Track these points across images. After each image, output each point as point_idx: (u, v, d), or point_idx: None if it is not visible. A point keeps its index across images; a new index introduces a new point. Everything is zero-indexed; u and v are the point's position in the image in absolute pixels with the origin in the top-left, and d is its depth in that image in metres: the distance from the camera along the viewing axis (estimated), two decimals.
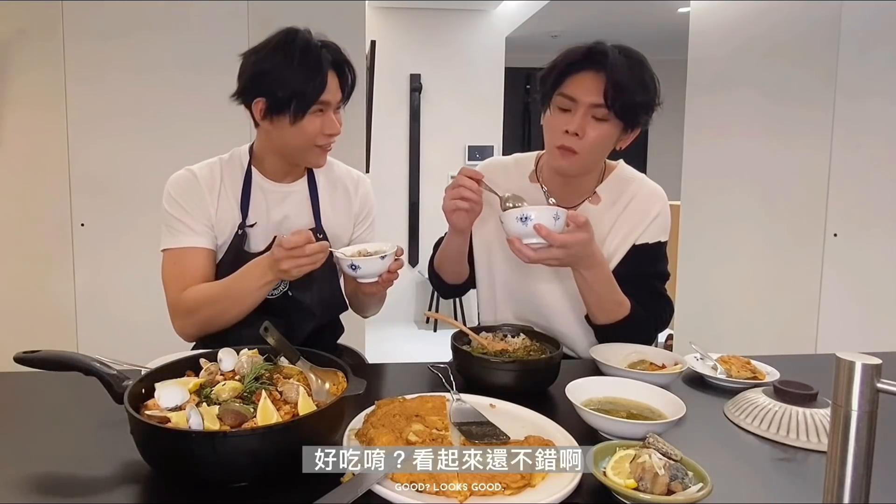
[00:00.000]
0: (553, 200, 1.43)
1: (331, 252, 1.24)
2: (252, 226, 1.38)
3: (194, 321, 1.32)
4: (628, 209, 1.40)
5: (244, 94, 1.32)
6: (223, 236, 1.38)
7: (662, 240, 1.42)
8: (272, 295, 1.37)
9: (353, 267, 1.20)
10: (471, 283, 1.54)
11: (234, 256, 1.36)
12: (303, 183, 1.45)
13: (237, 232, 1.37)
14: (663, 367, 1.21)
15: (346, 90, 1.35)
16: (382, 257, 1.20)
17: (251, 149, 1.44)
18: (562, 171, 1.35)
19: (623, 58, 1.26)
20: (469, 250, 1.47)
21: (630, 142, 1.35)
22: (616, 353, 1.25)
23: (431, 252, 1.59)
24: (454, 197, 1.26)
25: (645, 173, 1.50)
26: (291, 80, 1.26)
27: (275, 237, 1.30)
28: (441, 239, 1.52)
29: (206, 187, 1.37)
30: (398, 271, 1.24)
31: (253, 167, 1.41)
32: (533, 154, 1.53)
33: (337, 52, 1.33)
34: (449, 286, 1.52)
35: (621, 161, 1.49)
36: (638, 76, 1.26)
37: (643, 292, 1.36)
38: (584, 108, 1.26)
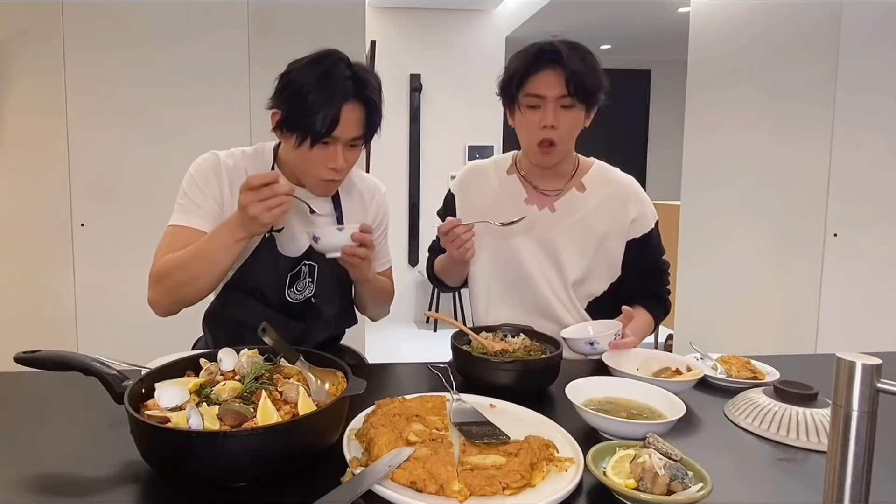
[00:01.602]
0: (532, 186, 1.53)
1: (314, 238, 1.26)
2: (280, 230, 1.38)
3: (164, 288, 1.26)
4: (615, 203, 1.53)
5: (271, 100, 1.29)
6: None
7: (652, 225, 1.55)
8: (294, 300, 1.37)
9: (315, 238, 1.24)
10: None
11: (269, 258, 1.35)
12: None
13: (265, 235, 1.35)
14: (678, 371, 1.20)
15: (369, 128, 1.29)
16: (340, 229, 1.23)
17: (276, 150, 1.41)
18: (545, 165, 1.49)
19: (572, 51, 1.39)
20: None
21: (591, 119, 1.48)
22: (629, 359, 1.24)
23: (428, 256, 1.69)
24: (461, 245, 1.36)
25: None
26: (304, 105, 1.21)
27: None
28: (436, 245, 1.64)
29: (227, 173, 1.35)
30: (364, 249, 1.25)
31: (276, 169, 1.39)
32: (509, 153, 1.64)
33: (365, 86, 1.26)
34: (453, 287, 1.65)
35: (594, 158, 1.61)
36: (589, 64, 1.39)
37: (651, 278, 1.57)
38: (552, 102, 1.39)
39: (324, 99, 1.21)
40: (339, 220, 1.43)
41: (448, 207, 1.63)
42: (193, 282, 1.24)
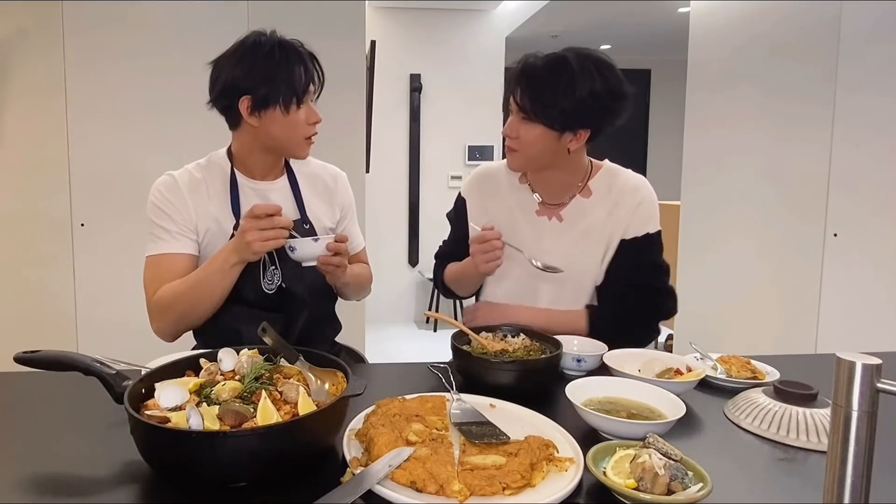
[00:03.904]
0: (538, 196, 1.51)
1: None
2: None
3: (169, 319, 1.33)
4: (619, 200, 1.47)
5: (224, 97, 1.34)
6: (216, 239, 1.38)
7: (650, 231, 1.46)
8: (269, 290, 1.38)
9: (291, 248, 1.27)
10: None
11: None
12: (284, 180, 1.48)
13: (232, 234, 1.36)
14: (679, 372, 1.20)
15: (318, 83, 1.38)
16: (316, 240, 1.27)
17: (229, 152, 1.45)
18: (511, 169, 1.48)
19: (538, 67, 1.35)
20: (462, 251, 1.54)
21: (581, 143, 1.40)
22: (631, 360, 1.23)
23: (436, 263, 1.66)
24: (491, 259, 1.35)
25: (645, 172, 1.55)
26: (277, 74, 1.29)
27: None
28: (444, 251, 1.64)
29: (186, 191, 1.39)
30: (339, 258, 1.29)
31: (235, 169, 1.43)
32: None
33: (304, 47, 1.37)
34: (462, 297, 1.64)
35: (606, 161, 1.56)
36: (552, 84, 1.33)
37: (633, 286, 1.44)
38: (515, 113, 1.40)
39: (293, 61, 1.31)
40: (302, 211, 1.45)
41: (459, 212, 1.60)
42: (196, 309, 1.32)
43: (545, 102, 1.34)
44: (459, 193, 1.62)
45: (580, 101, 1.33)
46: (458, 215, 1.60)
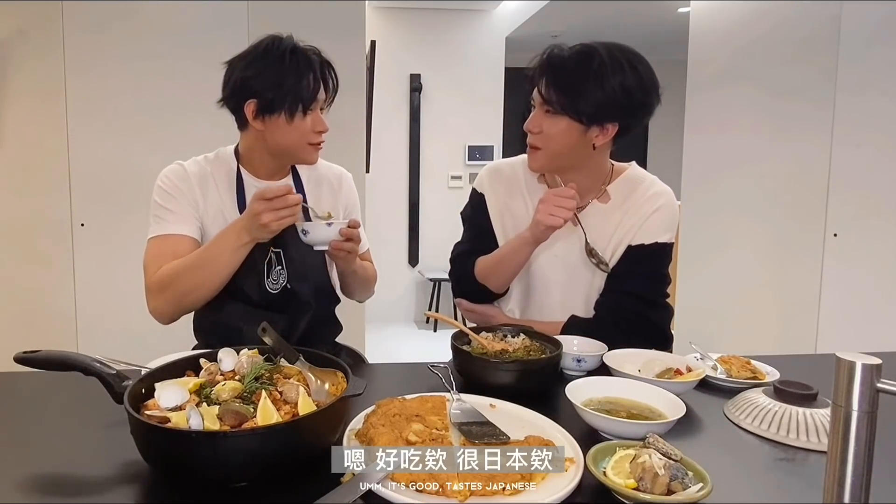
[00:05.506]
0: None
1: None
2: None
3: (168, 297, 1.31)
4: (636, 208, 1.42)
5: (233, 98, 1.34)
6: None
7: (661, 240, 1.41)
8: (274, 290, 1.38)
9: (304, 232, 1.28)
10: None
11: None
12: (289, 180, 1.47)
13: None
14: (679, 372, 1.19)
15: (331, 91, 1.38)
16: (329, 224, 1.28)
17: (236, 151, 1.46)
18: (532, 169, 1.43)
19: (565, 58, 1.31)
20: (486, 246, 1.49)
21: (608, 138, 1.36)
22: (631, 360, 1.22)
23: (458, 266, 1.55)
24: (557, 213, 1.27)
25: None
26: (285, 80, 1.29)
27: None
28: (465, 248, 1.53)
29: (195, 180, 1.40)
30: (350, 243, 1.29)
31: (241, 167, 1.43)
32: None
33: (320, 55, 1.37)
34: (494, 294, 1.50)
35: (633, 163, 1.51)
36: (580, 74, 1.29)
37: (628, 295, 1.39)
38: (538, 107, 1.36)
39: (304, 69, 1.31)
40: (305, 210, 1.44)
41: (477, 207, 1.54)
42: (198, 288, 1.30)
43: (572, 93, 1.29)
44: (475, 189, 1.56)
45: (609, 93, 1.28)
46: (477, 211, 1.54)
